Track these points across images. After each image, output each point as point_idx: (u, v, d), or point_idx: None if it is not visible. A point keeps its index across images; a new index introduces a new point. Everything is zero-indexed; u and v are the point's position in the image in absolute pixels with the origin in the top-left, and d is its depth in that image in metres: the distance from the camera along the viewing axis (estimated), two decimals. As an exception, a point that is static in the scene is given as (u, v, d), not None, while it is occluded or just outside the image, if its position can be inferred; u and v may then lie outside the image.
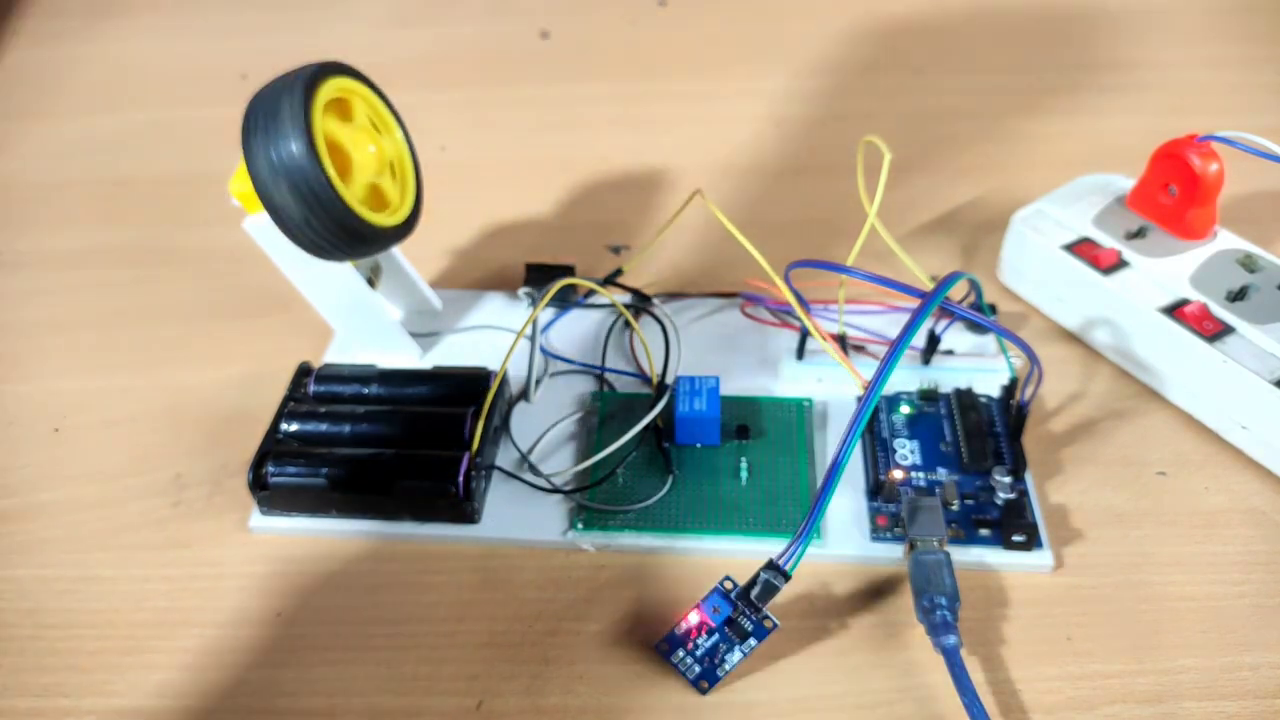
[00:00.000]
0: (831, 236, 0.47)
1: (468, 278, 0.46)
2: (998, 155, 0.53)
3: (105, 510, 0.36)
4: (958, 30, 0.64)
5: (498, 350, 0.41)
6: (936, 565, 0.31)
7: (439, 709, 0.30)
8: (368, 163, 0.35)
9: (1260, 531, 0.34)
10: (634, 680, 0.30)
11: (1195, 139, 0.38)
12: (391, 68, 0.44)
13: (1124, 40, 0.62)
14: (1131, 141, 0.44)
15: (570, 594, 0.33)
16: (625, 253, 0.47)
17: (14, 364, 0.43)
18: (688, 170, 0.53)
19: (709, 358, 0.41)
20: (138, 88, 0.62)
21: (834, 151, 0.53)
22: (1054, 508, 0.35)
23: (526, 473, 0.36)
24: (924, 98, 0.58)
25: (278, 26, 0.68)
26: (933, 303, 0.30)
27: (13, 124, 0.59)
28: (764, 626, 0.30)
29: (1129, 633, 0.31)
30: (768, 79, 0.60)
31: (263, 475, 0.34)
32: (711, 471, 0.35)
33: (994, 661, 0.30)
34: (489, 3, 0.70)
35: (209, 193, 0.51)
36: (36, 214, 0.52)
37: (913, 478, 0.35)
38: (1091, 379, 0.39)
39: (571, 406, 0.39)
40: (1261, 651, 0.30)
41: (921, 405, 0.37)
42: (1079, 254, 0.40)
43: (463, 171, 0.54)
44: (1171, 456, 0.36)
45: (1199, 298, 0.37)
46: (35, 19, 0.71)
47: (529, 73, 0.62)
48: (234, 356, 0.42)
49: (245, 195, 0.35)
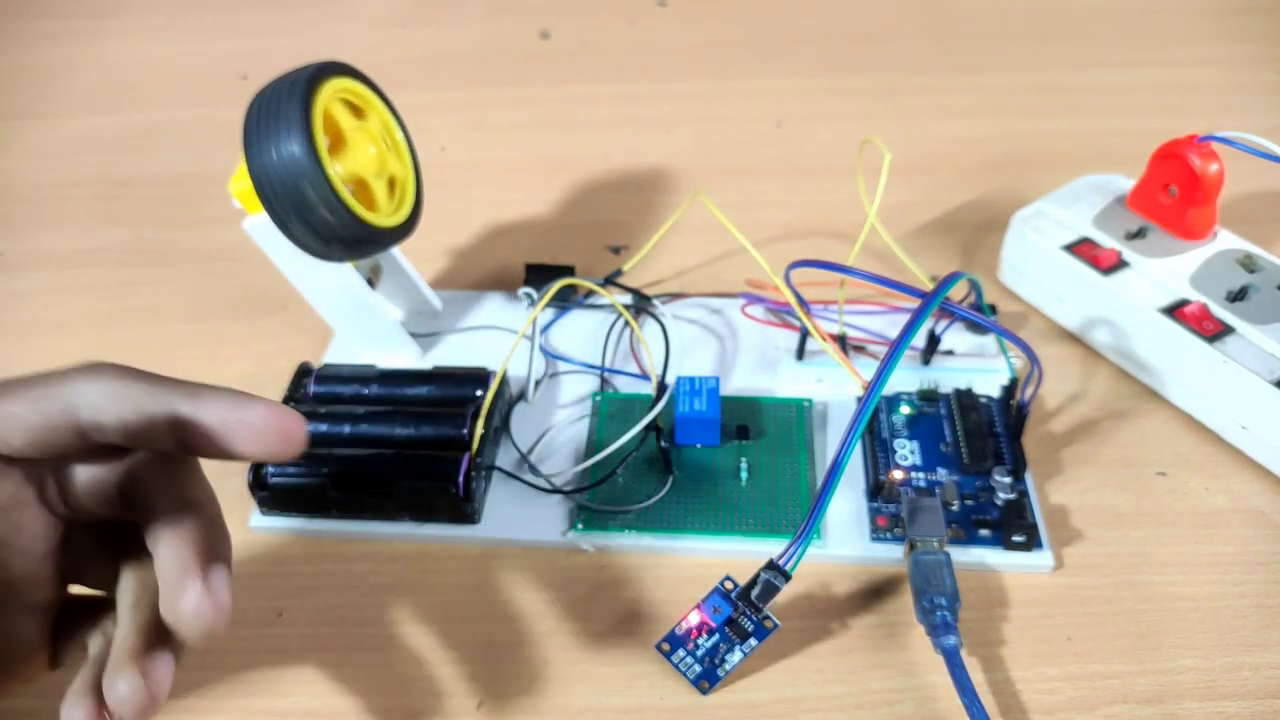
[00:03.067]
0: (831, 236, 0.47)
1: (468, 278, 0.46)
2: (997, 155, 0.53)
3: (105, 510, 0.36)
4: (958, 30, 0.64)
5: (498, 350, 0.41)
6: (936, 566, 0.31)
7: (439, 709, 0.30)
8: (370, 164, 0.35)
9: (1260, 531, 0.34)
10: (634, 680, 0.30)
11: (1195, 139, 0.38)
12: (391, 68, 0.44)
13: (1124, 40, 0.62)
14: (1131, 141, 0.44)
15: (570, 594, 0.33)
16: (625, 253, 0.47)
17: (14, 364, 0.43)
18: (688, 170, 0.53)
19: (709, 358, 0.41)
20: (138, 88, 0.62)
21: (834, 151, 0.53)
22: (1054, 508, 0.35)
23: (526, 473, 0.36)
24: (924, 98, 0.58)
25: (278, 26, 0.69)
26: (933, 303, 0.30)
27: (13, 124, 0.59)
28: (764, 626, 0.30)
29: (1129, 633, 0.31)
30: (768, 79, 0.60)
31: (262, 475, 0.34)
32: (711, 472, 0.35)
33: (994, 662, 0.30)
34: (489, 3, 0.70)
35: (209, 193, 0.51)
36: (36, 214, 0.52)
37: (913, 478, 0.35)
38: (1091, 379, 0.39)
39: (571, 406, 0.39)
40: (1261, 651, 0.30)
41: (921, 405, 0.37)
42: (1079, 254, 0.40)
43: (463, 171, 0.54)
44: (1171, 456, 0.36)
45: (1199, 298, 0.37)
46: (35, 19, 0.71)
47: (529, 73, 0.62)
48: (234, 356, 0.42)
49: (245, 195, 0.35)
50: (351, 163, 0.34)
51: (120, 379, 0.24)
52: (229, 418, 0.24)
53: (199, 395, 0.24)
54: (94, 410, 0.24)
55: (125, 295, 0.46)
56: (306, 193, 0.32)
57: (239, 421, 0.24)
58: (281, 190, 0.32)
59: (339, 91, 0.34)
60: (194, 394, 0.24)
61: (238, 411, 0.24)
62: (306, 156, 0.31)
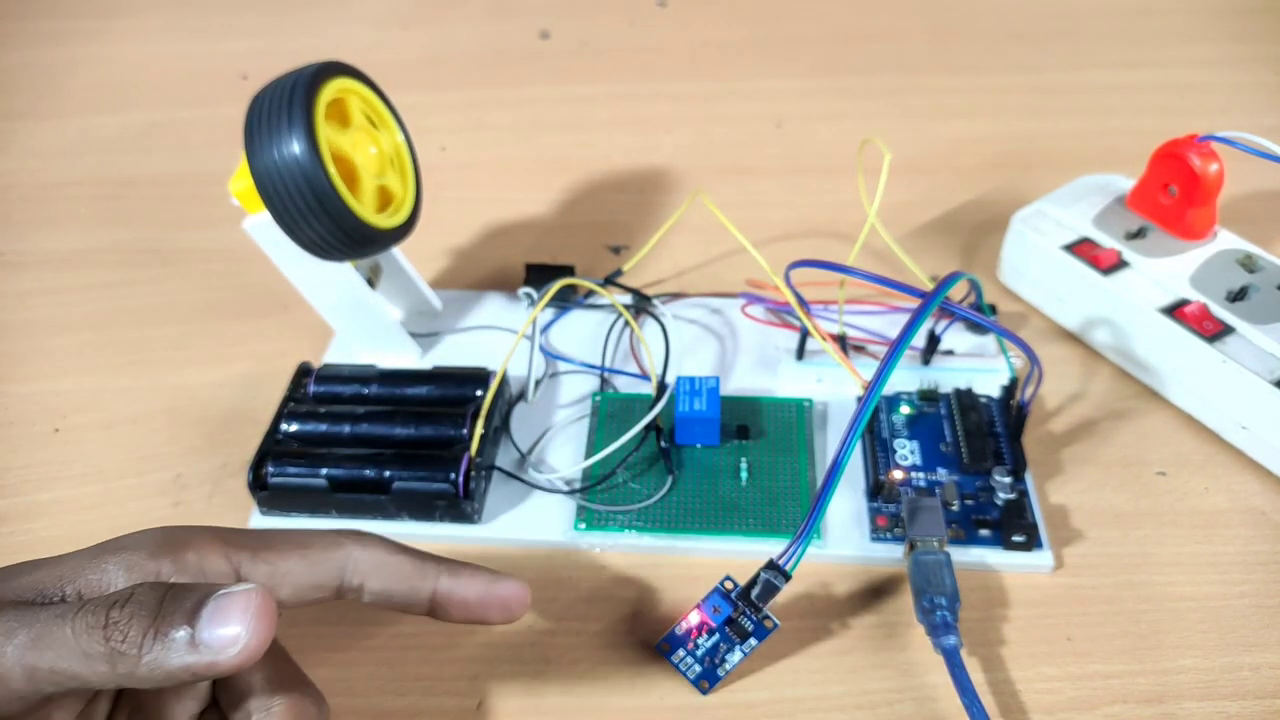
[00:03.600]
0: (831, 236, 0.47)
1: (468, 278, 0.46)
2: (997, 155, 0.53)
3: (105, 510, 0.36)
4: (958, 30, 0.64)
5: (498, 350, 0.41)
6: (936, 565, 0.31)
7: (439, 709, 0.30)
8: (370, 165, 0.35)
9: (1260, 531, 0.34)
10: (634, 680, 0.30)
11: (1195, 139, 0.38)
12: (391, 68, 0.44)
13: (1124, 40, 0.62)
14: (1131, 141, 0.44)
15: (570, 594, 0.33)
16: (625, 253, 0.47)
17: (14, 364, 0.43)
18: (688, 170, 0.53)
19: (709, 358, 0.41)
20: (138, 88, 0.62)
21: (834, 151, 0.53)
22: (1054, 508, 0.35)
23: (526, 473, 0.36)
24: (924, 98, 0.58)
25: (278, 27, 0.69)
26: (933, 303, 0.30)
27: (13, 124, 0.59)
28: (764, 626, 0.30)
29: (1129, 633, 0.31)
30: (768, 79, 0.60)
31: (262, 475, 0.34)
32: (711, 471, 0.35)
33: (994, 662, 0.30)
34: (489, 3, 0.70)
35: (209, 193, 0.51)
36: (36, 214, 0.52)
37: (913, 478, 0.35)
38: (1091, 379, 0.39)
39: (571, 406, 0.39)
40: (1261, 651, 0.30)
41: (921, 405, 0.37)
42: (1079, 254, 0.40)
43: (463, 171, 0.54)
44: (1171, 456, 0.36)
45: (1199, 298, 0.37)
46: (35, 19, 0.71)
47: (529, 73, 0.62)
48: (234, 356, 0.42)
49: (245, 195, 0.35)
50: (352, 163, 0.34)
51: (389, 552, 0.27)
52: (486, 594, 0.28)
53: (458, 572, 0.28)
54: (360, 576, 0.27)
55: (125, 295, 0.46)
56: (307, 193, 0.32)
57: (495, 597, 0.28)
58: (283, 190, 0.32)
59: (340, 91, 0.34)
60: (454, 570, 0.28)
61: (493, 588, 0.28)
62: (308, 156, 0.31)
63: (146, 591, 0.21)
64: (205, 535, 0.25)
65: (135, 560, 0.23)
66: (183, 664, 0.21)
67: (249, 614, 0.21)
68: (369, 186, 0.35)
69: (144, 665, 0.21)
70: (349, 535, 0.27)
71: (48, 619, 0.21)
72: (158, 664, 0.21)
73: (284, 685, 0.25)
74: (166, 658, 0.21)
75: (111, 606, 0.21)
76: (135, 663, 0.21)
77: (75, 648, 0.21)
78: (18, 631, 0.21)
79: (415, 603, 0.28)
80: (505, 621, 0.29)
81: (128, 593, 0.21)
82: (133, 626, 0.21)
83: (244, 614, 0.21)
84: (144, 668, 0.21)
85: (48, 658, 0.21)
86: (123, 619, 0.21)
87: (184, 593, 0.22)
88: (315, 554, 0.26)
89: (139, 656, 0.21)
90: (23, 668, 0.21)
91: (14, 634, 0.21)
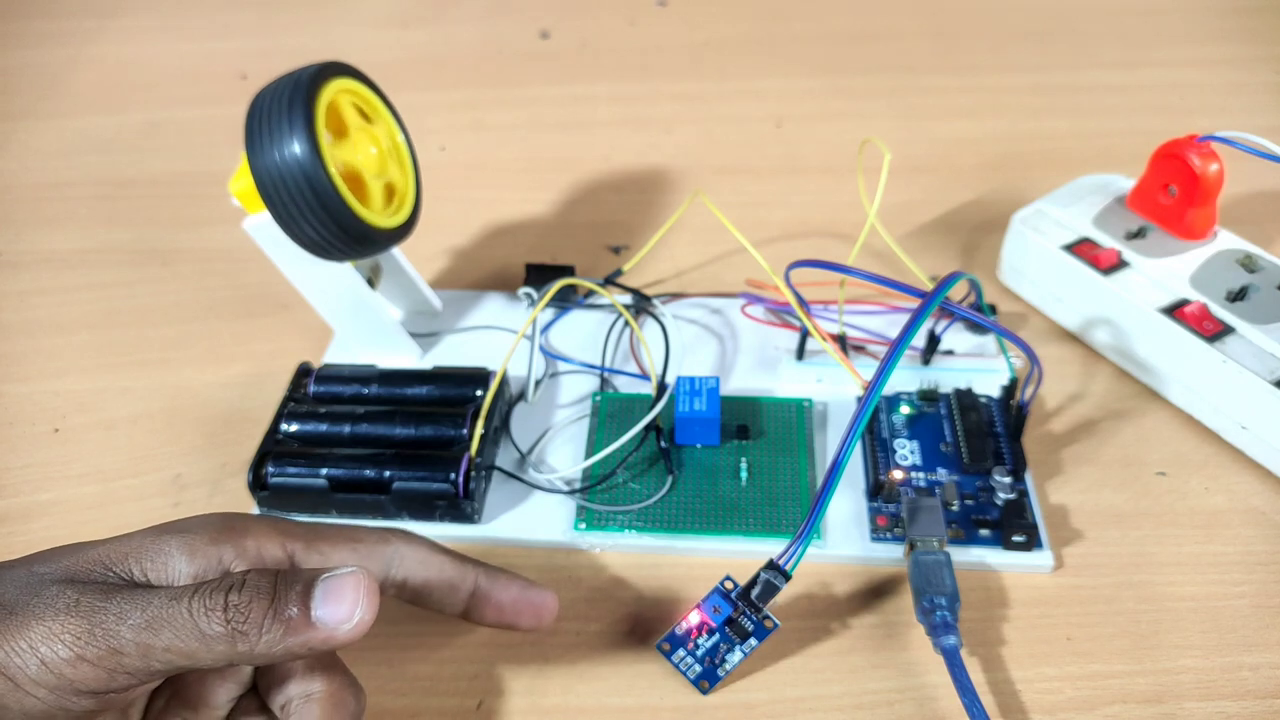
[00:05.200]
0: (831, 236, 0.47)
1: (468, 278, 0.46)
2: (997, 155, 0.53)
3: (105, 510, 0.36)
4: (958, 30, 0.64)
5: (498, 350, 0.41)
6: (936, 566, 0.31)
7: (439, 709, 0.30)
8: (372, 165, 0.35)
9: (1260, 531, 0.34)
10: (634, 680, 0.30)
11: (1195, 139, 0.38)
12: (391, 68, 0.44)
13: (1124, 40, 0.62)
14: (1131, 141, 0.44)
15: (570, 594, 0.33)
16: (625, 253, 0.47)
17: (14, 364, 0.43)
18: (688, 170, 0.53)
19: (709, 358, 0.41)
20: (138, 88, 0.62)
21: (834, 151, 0.53)
22: (1054, 508, 0.35)
23: (526, 473, 0.36)
24: (924, 98, 0.58)
25: (278, 27, 0.69)
26: (933, 303, 0.30)
27: (13, 124, 0.59)
28: (764, 626, 0.30)
29: (1129, 633, 0.31)
30: (768, 79, 0.60)
31: (262, 475, 0.34)
32: (711, 471, 0.35)
33: (994, 662, 0.30)
34: (489, 3, 0.70)
35: (209, 193, 0.51)
36: (36, 214, 0.52)
37: (913, 478, 0.35)
38: (1091, 379, 0.39)
39: (571, 406, 0.39)
40: (1261, 651, 0.30)
41: (921, 405, 0.37)
42: (1079, 254, 0.40)
43: (463, 171, 0.54)
44: (1171, 456, 0.36)
45: (1199, 298, 0.37)
46: (35, 19, 0.71)
47: (529, 73, 0.62)
48: (234, 356, 0.42)
49: (245, 195, 0.35)
50: (352, 163, 0.34)
51: (432, 551, 0.29)
52: (519, 598, 0.30)
53: (495, 576, 0.30)
54: (404, 572, 0.28)
55: (125, 295, 0.46)
56: (308, 193, 0.32)
57: (528, 603, 0.30)
58: (283, 190, 0.32)
59: (340, 92, 0.34)
60: (491, 574, 0.29)
61: (527, 594, 0.30)
62: (308, 156, 0.31)
63: (259, 576, 0.23)
64: (263, 524, 0.26)
65: (197, 544, 0.24)
66: (301, 640, 0.22)
67: (359, 591, 0.23)
68: (375, 187, 0.35)
69: (263, 643, 0.22)
70: (396, 533, 0.29)
71: (161, 602, 0.22)
72: (277, 642, 0.22)
73: (324, 671, 0.26)
74: (285, 636, 0.22)
75: (229, 590, 0.23)
76: (255, 642, 0.22)
77: (193, 629, 0.22)
78: (130, 613, 0.22)
79: (452, 602, 0.29)
80: (533, 628, 0.30)
81: (241, 578, 0.23)
82: (253, 609, 0.22)
83: (355, 592, 0.23)
84: (263, 645, 0.22)
85: (165, 638, 0.22)
86: (242, 602, 0.22)
87: (294, 577, 0.23)
88: (365, 548, 0.27)
89: (259, 636, 0.22)
90: (137, 646, 0.22)
91: (127, 616, 0.22)
